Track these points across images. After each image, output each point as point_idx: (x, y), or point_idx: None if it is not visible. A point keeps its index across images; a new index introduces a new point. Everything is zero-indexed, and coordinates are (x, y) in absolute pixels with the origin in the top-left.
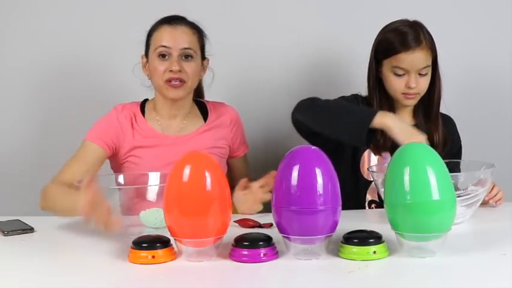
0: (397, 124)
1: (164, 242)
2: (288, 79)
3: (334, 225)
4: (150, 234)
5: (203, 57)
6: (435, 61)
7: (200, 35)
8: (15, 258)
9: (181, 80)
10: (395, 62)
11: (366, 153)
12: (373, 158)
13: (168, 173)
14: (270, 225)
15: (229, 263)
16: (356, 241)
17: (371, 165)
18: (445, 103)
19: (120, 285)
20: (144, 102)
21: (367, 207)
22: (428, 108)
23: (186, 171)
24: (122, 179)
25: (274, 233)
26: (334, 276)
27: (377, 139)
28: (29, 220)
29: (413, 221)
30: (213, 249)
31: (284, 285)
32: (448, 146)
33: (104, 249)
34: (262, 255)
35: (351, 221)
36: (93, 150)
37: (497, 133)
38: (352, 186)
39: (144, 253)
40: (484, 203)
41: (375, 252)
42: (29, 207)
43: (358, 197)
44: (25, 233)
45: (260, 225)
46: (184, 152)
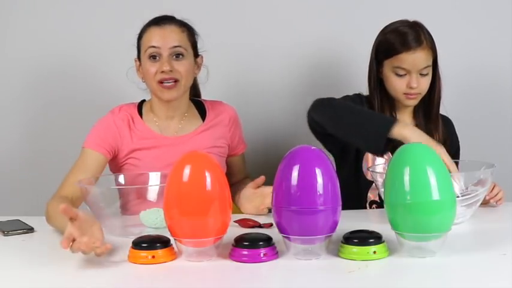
0: (415, 135)
1: (164, 242)
2: (289, 79)
3: (334, 225)
4: (150, 234)
5: (196, 55)
6: (435, 61)
7: (190, 32)
8: (15, 258)
9: (174, 80)
10: (396, 63)
11: (368, 153)
12: (376, 158)
13: (168, 173)
14: (270, 225)
15: (229, 263)
16: (356, 241)
17: (372, 165)
18: (444, 104)
19: (120, 285)
20: (141, 103)
21: (368, 208)
22: (429, 108)
23: (186, 171)
24: (122, 179)
25: (274, 233)
26: (334, 276)
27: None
28: (29, 220)
29: (413, 221)
30: (213, 249)
31: (284, 285)
32: (447, 147)
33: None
34: (262, 255)
35: (351, 221)
36: (94, 158)
37: (497, 133)
38: (354, 186)
39: (144, 253)
40: (485, 202)
41: (375, 252)
42: (29, 207)
43: (359, 197)
44: (25, 233)
45: (260, 225)
46: (183, 153)
